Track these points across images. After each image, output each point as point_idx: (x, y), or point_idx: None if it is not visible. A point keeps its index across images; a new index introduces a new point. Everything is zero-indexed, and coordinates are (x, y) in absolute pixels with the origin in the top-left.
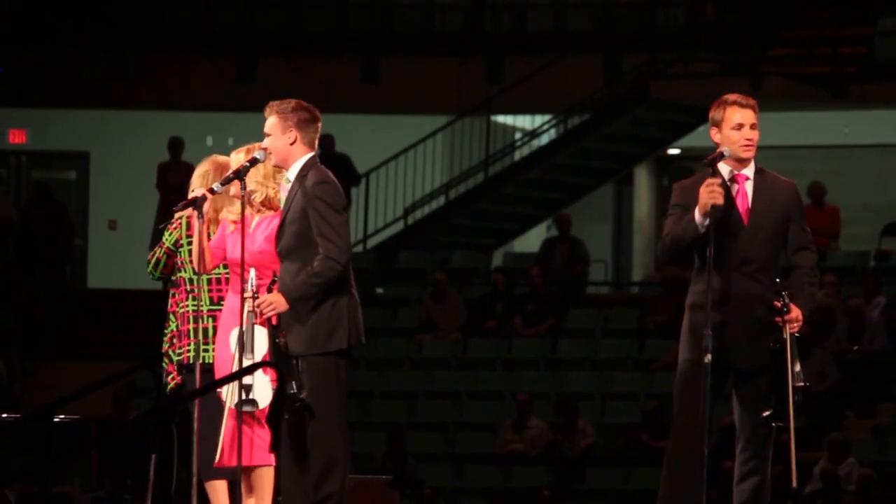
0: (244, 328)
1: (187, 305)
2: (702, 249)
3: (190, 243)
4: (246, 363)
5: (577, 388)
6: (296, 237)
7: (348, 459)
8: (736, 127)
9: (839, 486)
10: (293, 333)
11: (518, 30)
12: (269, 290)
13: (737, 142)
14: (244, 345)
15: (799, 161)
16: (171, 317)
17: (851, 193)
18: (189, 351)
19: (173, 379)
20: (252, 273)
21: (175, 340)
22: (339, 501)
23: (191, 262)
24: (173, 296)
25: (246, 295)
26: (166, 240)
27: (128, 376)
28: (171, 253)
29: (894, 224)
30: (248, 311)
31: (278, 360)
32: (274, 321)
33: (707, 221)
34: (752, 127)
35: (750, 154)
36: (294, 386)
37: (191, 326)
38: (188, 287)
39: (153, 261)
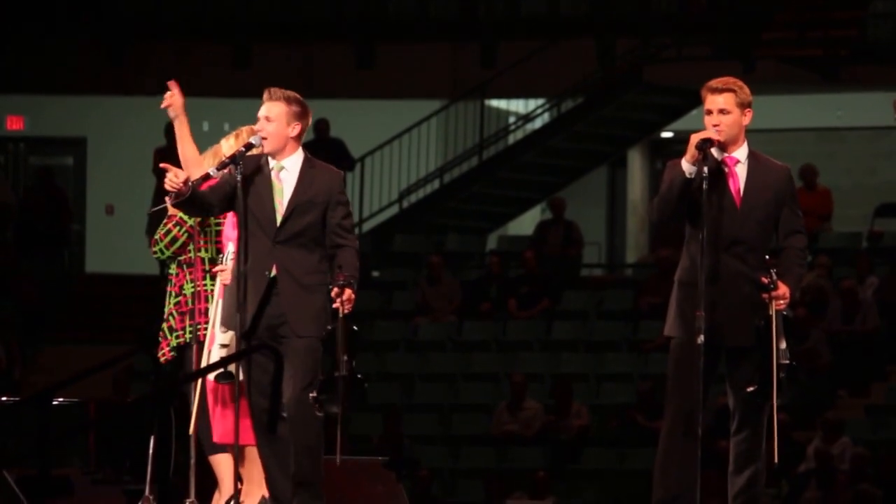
0: (217, 301)
1: (204, 285)
2: (692, 225)
3: (218, 224)
4: (220, 336)
5: (572, 369)
6: (307, 226)
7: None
8: (706, 112)
9: (833, 465)
10: (298, 314)
11: (511, 14)
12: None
13: (707, 127)
14: (223, 319)
15: (792, 144)
16: (172, 295)
17: (844, 175)
18: (205, 329)
19: (164, 355)
20: (230, 247)
21: (176, 318)
22: (321, 477)
23: (217, 241)
24: (176, 275)
25: (220, 267)
26: (190, 219)
27: (126, 359)
28: (194, 233)
29: (886, 205)
30: (224, 285)
31: (352, 352)
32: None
33: (694, 169)
34: (722, 112)
35: (716, 138)
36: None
37: (209, 305)
38: (206, 267)
39: (168, 238)
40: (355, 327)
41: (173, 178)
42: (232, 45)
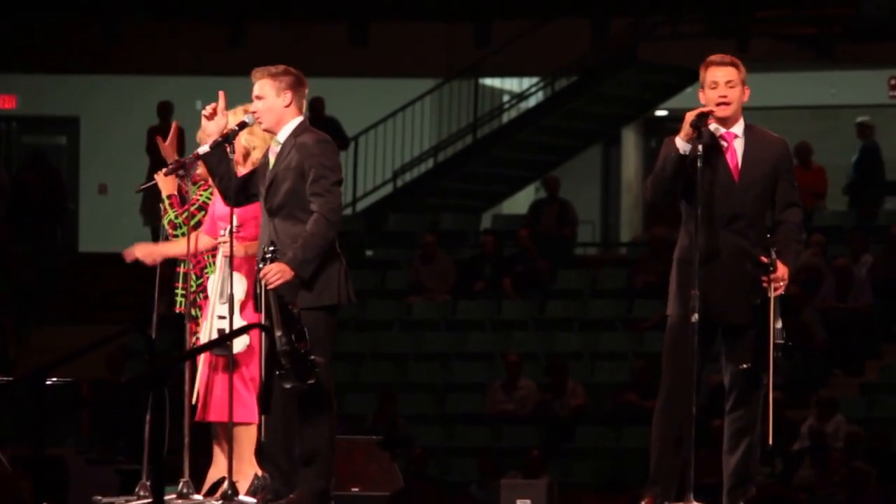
0: (218, 273)
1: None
2: (688, 202)
3: None
4: (219, 307)
5: (566, 348)
6: (287, 194)
7: (334, 415)
8: (712, 86)
9: (827, 444)
10: (284, 288)
11: None
12: (272, 259)
13: (713, 100)
14: (222, 291)
15: (786, 122)
16: (193, 277)
17: (839, 154)
18: None
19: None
20: (234, 220)
21: (200, 301)
22: (329, 456)
23: None
24: (194, 256)
25: (221, 239)
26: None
27: (120, 339)
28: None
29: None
30: (224, 257)
31: (289, 326)
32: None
33: (688, 147)
34: (729, 85)
35: (724, 112)
36: (306, 351)
37: None
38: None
39: (192, 223)
40: (289, 304)
41: (209, 109)
42: (226, 23)
